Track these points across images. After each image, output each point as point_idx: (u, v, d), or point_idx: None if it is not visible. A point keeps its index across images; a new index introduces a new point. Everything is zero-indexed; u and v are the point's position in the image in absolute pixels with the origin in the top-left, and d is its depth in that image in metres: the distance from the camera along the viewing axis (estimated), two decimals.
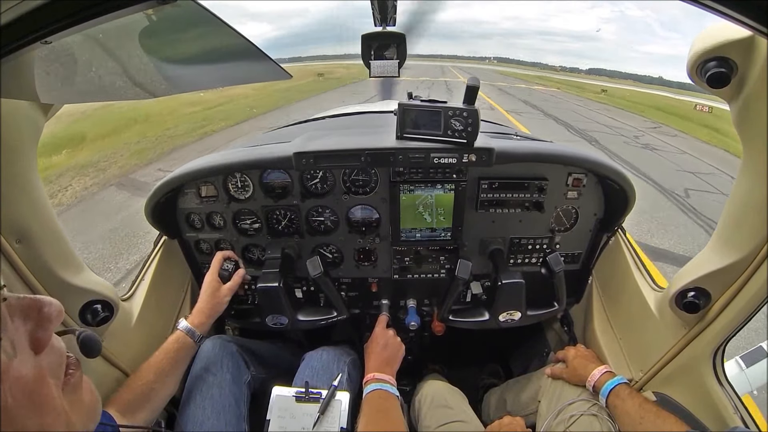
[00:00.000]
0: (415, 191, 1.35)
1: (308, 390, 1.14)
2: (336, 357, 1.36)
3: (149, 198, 1.36)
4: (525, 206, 1.44)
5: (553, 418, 1.26)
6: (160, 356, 1.17)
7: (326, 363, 1.33)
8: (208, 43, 0.81)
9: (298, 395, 1.14)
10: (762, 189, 0.80)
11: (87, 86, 0.86)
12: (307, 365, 1.33)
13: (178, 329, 1.23)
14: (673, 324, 1.11)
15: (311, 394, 1.14)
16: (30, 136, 0.85)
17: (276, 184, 1.43)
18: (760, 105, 0.74)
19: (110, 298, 1.08)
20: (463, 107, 1.14)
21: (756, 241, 0.86)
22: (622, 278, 1.41)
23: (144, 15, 0.65)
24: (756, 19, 0.48)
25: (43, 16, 0.51)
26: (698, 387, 1.07)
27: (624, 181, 1.33)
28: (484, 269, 1.54)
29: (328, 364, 1.32)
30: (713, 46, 0.74)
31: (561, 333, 1.76)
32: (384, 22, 1.03)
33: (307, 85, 23.91)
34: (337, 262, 1.57)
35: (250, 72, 1.00)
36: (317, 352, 1.38)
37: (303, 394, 1.14)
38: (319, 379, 1.26)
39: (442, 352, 1.95)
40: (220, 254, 1.41)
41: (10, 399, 0.36)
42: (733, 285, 0.94)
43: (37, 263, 0.90)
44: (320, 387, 1.18)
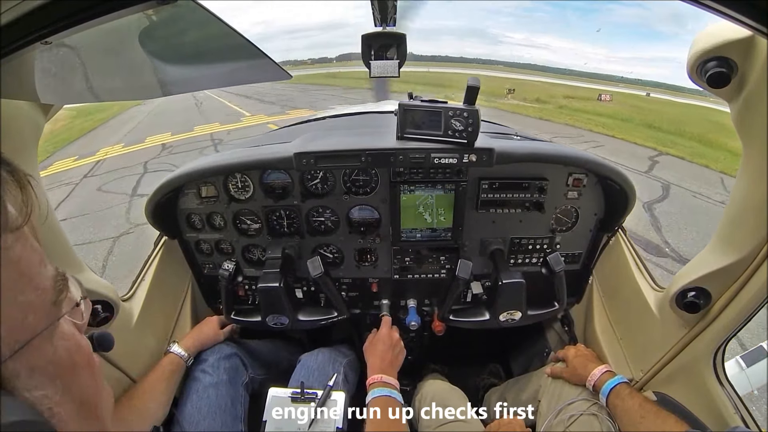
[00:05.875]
0: (416, 191, 1.35)
1: (303, 390, 1.15)
2: (332, 358, 1.38)
3: (150, 198, 1.36)
4: (525, 206, 1.44)
5: (554, 417, 1.26)
6: (153, 377, 1.21)
7: (322, 364, 1.34)
8: (208, 43, 0.81)
9: (294, 396, 1.15)
10: (762, 189, 0.80)
11: (87, 86, 0.86)
12: (303, 366, 1.34)
13: (171, 352, 1.28)
14: (673, 324, 1.11)
15: (307, 395, 1.15)
16: (30, 136, 0.85)
17: (276, 185, 1.43)
18: (760, 105, 0.74)
19: (110, 299, 1.08)
20: (464, 107, 1.14)
21: (756, 241, 0.86)
22: (622, 278, 1.41)
23: (144, 15, 0.65)
24: (756, 19, 0.48)
25: (43, 16, 0.51)
26: (699, 387, 1.06)
27: (624, 181, 1.33)
28: (485, 269, 1.54)
29: (324, 365, 1.33)
30: (713, 46, 0.74)
31: (561, 333, 1.76)
32: (384, 22, 1.03)
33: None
34: (337, 263, 1.57)
35: (250, 72, 1.00)
36: (313, 354, 1.39)
37: (299, 395, 1.15)
38: (315, 380, 1.27)
39: (442, 352, 1.95)
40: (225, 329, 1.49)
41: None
42: (733, 285, 0.94)
43: None
44: (316, 387, 1.18)
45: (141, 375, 1.22)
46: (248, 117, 13.52)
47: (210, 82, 1.26)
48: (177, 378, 1.26)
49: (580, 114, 14.91)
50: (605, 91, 20.54)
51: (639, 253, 1.41)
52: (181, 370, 1.28)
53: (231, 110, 15.15)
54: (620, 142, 10.79)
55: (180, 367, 1.27)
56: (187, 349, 1.31)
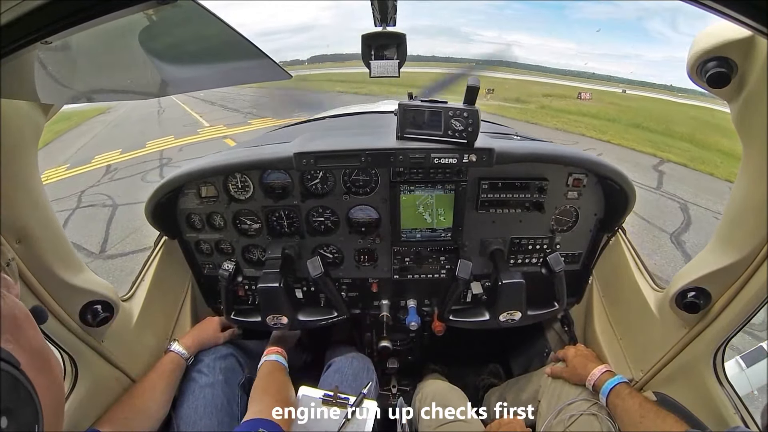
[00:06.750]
0: (416, 191, 1.35)
1: (337, 394, 1.15)
2: (366, 366, 1.39)
3: (150, 198, 1.36)
4: (525, 206, 1.44)
5: (553, 417, 1.26)
6: (153, 376, 1.21)
7: (357, 370, 1.35)
8: (208, 43, 0.81)
9: (326, 398, 1.15)
10: (762, 189, 0.80)
11: (87, 86, 0.86)
12: (336, 370, 1.36)
13: (171, 351, 1.28)
14: (673, 324, 1.11)
15: (339, 399, 1.14)
16: (30, 136, 0.85)
17: (276, 185, 1.43)
18: (760, 105, 0.74)
19: (110, 299, 1.08)
20: (464, 107, 1.14)
21: (756, 241, 0.86)
22: (622, 278, 1.41)
23: (144, 15, 0.65)
24: (756, 19, 0.48)
25: (43, 16, 0.51)
26: (698, 387, 1.06)
27: (624, 182, 1.33)
28: (485, 269, 1.54)
29: (359, 372, 1.35)
30: (713, 46, 0.74)
31: (561, 333, 1.76)
32: (384, 22, 1.03)
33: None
34: (337, 263, 1.57)
35: (250, 71, 1.00)
36: (347, 358, 1.40)
37: (331, 398, 1.15)
38: (348, 386, 1.28)
39: (442, 352, 1.95)
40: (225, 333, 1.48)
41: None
42: (733, 285, 0.94)
43: (37, 263, 0.90)
44: (349, 393, 1.19)
45: (141, 375, 1.23)
46: (206, 128, 12.61)
47: (210, 82, 1.26)
48: (177, 377, 1.26)
49: (566, 115, 14.63)
50: (583, 89, 19.93)
51: (639, 253, 1.41)
52: (181, 369, 1.28)
53: (190, 120, 14.30)
54: (618, 148, 10.50)
55: (180, 366, 1.27)
56: (188, 348, 1.31)
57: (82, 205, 6.70)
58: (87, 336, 1.05)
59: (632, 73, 43.99)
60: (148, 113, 15.61)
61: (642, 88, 24.44)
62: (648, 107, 16.76)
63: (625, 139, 11.29)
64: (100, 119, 16.21)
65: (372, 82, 13.98)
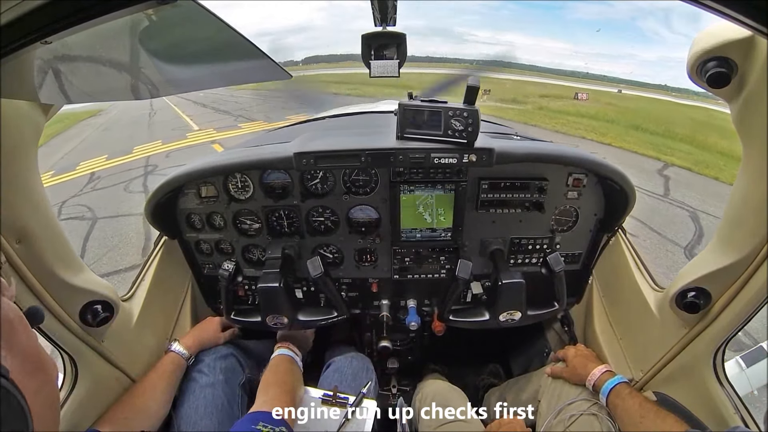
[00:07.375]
0: (416, 191, 1.35)
1: (336, 394, 1.15)
2: (365, 366, 1.39)
3: (149, 198, 1.36)
4: (525, 206, 1.44)
5: (554, 417, 1.26)
6: (154, 376, 1.21)
7: (356, 370, 1.35)
8: (208, 43, 0.81)
9: (325, 397, 1.15)
10: (762, 189, 0.80)
11: (87, 86, 0.86)
12: (336, 370, 1.35)
13: (172, 351, 1.28)
14: (673, 324, 1.11)
15: (338, 399, 1.14)
16: (30, 136, 0.85)
17: (276, 185, 1.43)
18: (760, 105, 0.74)
19: (110, 299, 1.08)
20: (464, 107, 1.14)
21: (756, 241, 0.86)
22: (622, 278, 1.41)
23: (144, 15, 0.65)
24: (756, 19, 0.48)
25: (43, 16, 0.51)
26: (698, 387, 1.06)
27: (624, 182, 1.33)
28: (485, 269, 1.54)
29: (358, 372, 1.35)
30: (713, 46, 0.74)
31: (561, 333, 1.76)
32: (384, 22, 1.02)
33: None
34: (337, 263, 1.57)
35: (250, 72, 1.00)
36: (346, 358, 1.40)
37: (330, 398, 1.14)
38: (347, 386, 1.28)
39: (442, 352, 1.95)
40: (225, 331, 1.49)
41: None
42: (733, 285, 0.94)
43: (37, 263, 0.90)
44: (348, 393, 1.19)
45: (141, 375, 1.23)
46: (194, 132, 12.22)
47: (210, 82, 1.26)
48: (178, 376, 1.26)
49: (564, 116, 14.47)
50: (579, 89, 19.72)
51: (639, 253, 1.41)
52: (181, 369, 1.28)
53: (180, 123, 13.80)
54: (620, 151, 10.34)
55: (180, 365, 1.27)
56: (188, 348, 1.31)
57: (62, 218, 6.15)
58: (87, 336, 1.05)
59: (632, 73, 43.92)
60: (139, 115, 15.28)
61: (637, 88, 24.41)
62: (646, 108, 16.63)
63: (626, 141, 11.18)
64: (90, 122, 15.88)
65: (366, 84, 13.74)
